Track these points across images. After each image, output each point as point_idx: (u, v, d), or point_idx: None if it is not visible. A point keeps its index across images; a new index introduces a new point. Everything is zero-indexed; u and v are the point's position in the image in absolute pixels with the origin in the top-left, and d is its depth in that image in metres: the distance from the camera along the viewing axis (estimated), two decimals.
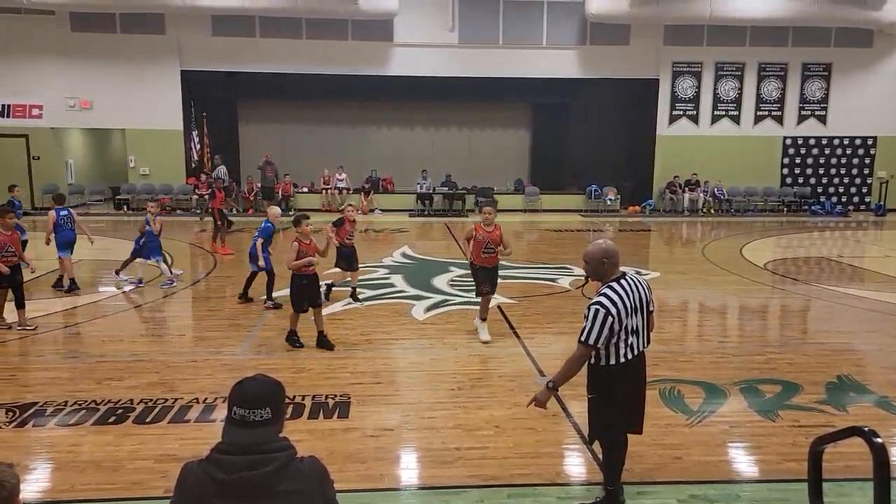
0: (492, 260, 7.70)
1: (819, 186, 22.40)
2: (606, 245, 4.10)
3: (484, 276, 7.72)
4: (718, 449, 5.17)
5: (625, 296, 3.97)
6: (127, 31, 19.85)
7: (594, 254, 4.08)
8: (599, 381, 4.09)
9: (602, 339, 3.91)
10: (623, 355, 4.00)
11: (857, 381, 6.63)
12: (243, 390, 2.15)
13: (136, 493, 4.45)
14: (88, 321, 8.62)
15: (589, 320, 3.90)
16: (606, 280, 4.05)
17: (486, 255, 7.65)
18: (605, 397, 4.10)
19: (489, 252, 7.64)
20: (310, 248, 7.42)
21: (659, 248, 16.23)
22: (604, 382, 4.07)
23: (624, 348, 4.00)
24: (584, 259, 4.14)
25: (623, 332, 3.96)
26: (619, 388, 4.07)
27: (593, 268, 4.10)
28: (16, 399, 5.98)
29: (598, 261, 4.06)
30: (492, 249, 7.63)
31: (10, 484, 2.22)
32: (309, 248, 7.40)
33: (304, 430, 5.34)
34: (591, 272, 4.13)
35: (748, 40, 21.25)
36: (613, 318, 3.89)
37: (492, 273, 7.78)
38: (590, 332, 3.89)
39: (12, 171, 19.81)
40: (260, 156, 20.67)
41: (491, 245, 7.61)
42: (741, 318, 9.45)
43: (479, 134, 23.63)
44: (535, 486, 4.57)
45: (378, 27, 20.26)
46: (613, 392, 4.07)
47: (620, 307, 3.93)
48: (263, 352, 7.46)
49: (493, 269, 7.81)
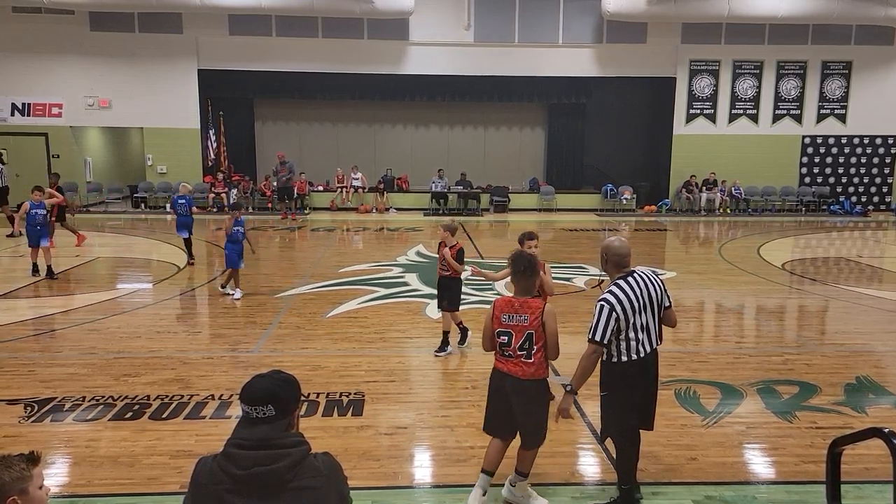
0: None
1: (838, 186, 22.13)
2: (612, 241, 4.19)
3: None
4: (734, 450, 5.13)
5: (631, 292, 3.99)
6: (145, 30, 20.03)
7: (601, 249, 4.21)
8: (612, 379, 4.09)
9: (608, 335, 3.93)
10: (636, 352, 4.01)
11: (875, 382, 6.55)
12: (248, 388, 2.17)
13: (151, 488, 4.49)
14: (106, 318, 8.70)
15: (595, 317, 3.96)
16: (613, 277, 4.11)
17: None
18: (619, 395, 4.10)
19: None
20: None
21: (675, 248, 16.13)
22: (617, 380, 4.07)
23: (635, 345, 4.01)
24: (601, 254, 4.24)
25: (632, 329, 3.98)
26: (632, 385, 4.07)
27: (602, 262, 4.22)
28: (34, 394, 6.05)
29: (602, 256, 4.19)
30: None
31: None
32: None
33: (318, 427, 5.36)
34: (603, 266, 4.23)
35: (767, 38, 21.04)
36: (619, 315, 3.92)
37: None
38: (595, 327, 3.94)
39: (32, 168, 20.10)
40: (275, 154, 20.76)
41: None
42: (758, 318, 9.36)
43: (495, 133, 23.59)
44: (549, 485, 4.55)
45: (393, 26, 20.28)
46: (626, 389, 4.07)
47: (626, 304, 3.95)
48: (279, 349, 7.50)
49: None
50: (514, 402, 4.12)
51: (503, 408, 4.18)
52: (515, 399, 4.11)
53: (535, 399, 4.12)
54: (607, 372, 4.10)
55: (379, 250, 14.75)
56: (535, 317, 4.03)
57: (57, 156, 20.55)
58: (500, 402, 4.19)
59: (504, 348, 4.11)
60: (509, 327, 4.06)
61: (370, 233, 17.13)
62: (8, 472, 2.06)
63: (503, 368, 4.14)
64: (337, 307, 9.20)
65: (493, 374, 4.25)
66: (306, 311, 9.10)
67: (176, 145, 20.62)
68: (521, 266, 4.12)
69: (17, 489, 2.08)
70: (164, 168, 20.85)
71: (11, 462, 2.11)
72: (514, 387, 4.09)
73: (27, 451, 2.16)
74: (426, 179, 21.57)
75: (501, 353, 4.15)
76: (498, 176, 22.34)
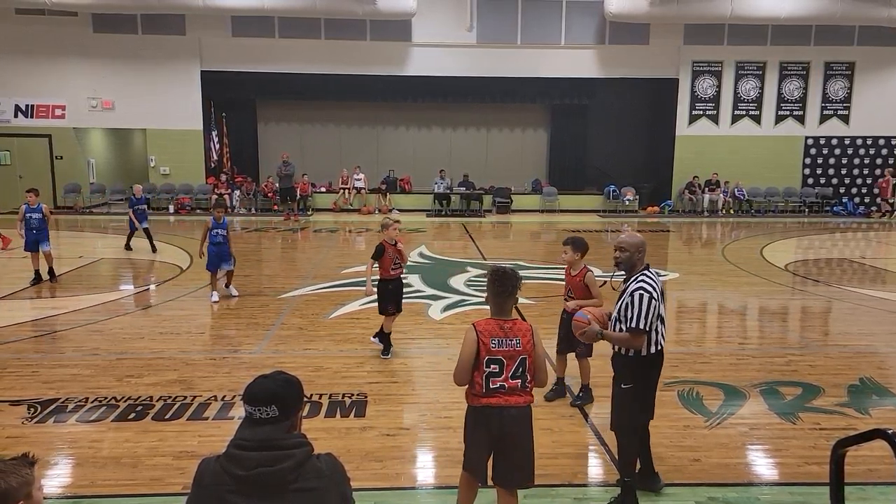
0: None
1: (841, 187, 22.11)
2: (641, 237, 4.25)
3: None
4: (738, 451, 5.11)
5: (656, 283, 4.11)
6: (148, 32, 20.08)
7: (635, 244, 4.16)
8: (637, 371, 4.16)
9: (650, 323, 4.01)
10: (656, 343, 4.13)
11: (879, 383, 6.53)
12: (250, 388, 2.18)
13: (154, 489, 4.49)
14: (109, 318, 8.72)
15: (636, 306, 3.99)
16: (636, 271, 4.15)
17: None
18: (642, 386, 4.18)
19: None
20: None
21: (678, 249, 16.11)
22: (641, 372, 4.16)
23: (657, 336, 4.13)
24: (622, 247, 4.18)
25: (657, 319, 4.10)
26: (653, 376, 4.19)
27: (629, 256, 4.16)
28: (38, 395, 6.05)
29: (637, 249, 4.15)
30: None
31: (4, 484, 1.99)
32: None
33: (320, 428, 5.36)
34: (626, 260, 4.18)
35: (769, 39, 21.03)
36: (657, 302, 4.02)
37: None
38: (638, 317, 3.98)
39: (35, 170, 20.15)
40: (278, 155, 20.82)
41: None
42: (761, 319, 9.34)
43: (497, 134, 23.60)
44: (552, 486, 4.55)
45: (396, 27, 20.30)
46: (648, 381, 4.18)
47: (657, 293, 4.05)
48: (281, 350, 7.50)
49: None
50: (508, 435, 3.52)
51: (487, 447, 3.61)
52: (509, 431, 3.51)
53: (531, 425, 3.65)
54: (637, 364, 4.14)
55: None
56: (528, 339, 3.51)
57: (60, 157, 20.60)
58: (486, 441, 3.59)
59: (492, 379, 3.48)
60: (500, 353, 3.47)
61: (373, 234, 17.12)
62: (14, 477, 2.05)
63: (493, 402, 3.50)
64: (339, 308, 9.20)
65: (475, 412, 3.59)
66: (309, 311, 9.10)
67: (178, 146, 20.65)
68: (510, 287, 3.55)
69: (24, 494, 2.08)
70: (167, 169, 20.88)
71: (16, 467, 2.10)
72: (512, 419, 3.49)
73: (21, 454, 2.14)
74: (429, 180, 21.58)
75: (485, 387, 3.49)
76: (500, 177, 22.35)
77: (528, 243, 16.86)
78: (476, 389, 3.52)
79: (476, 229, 17.84)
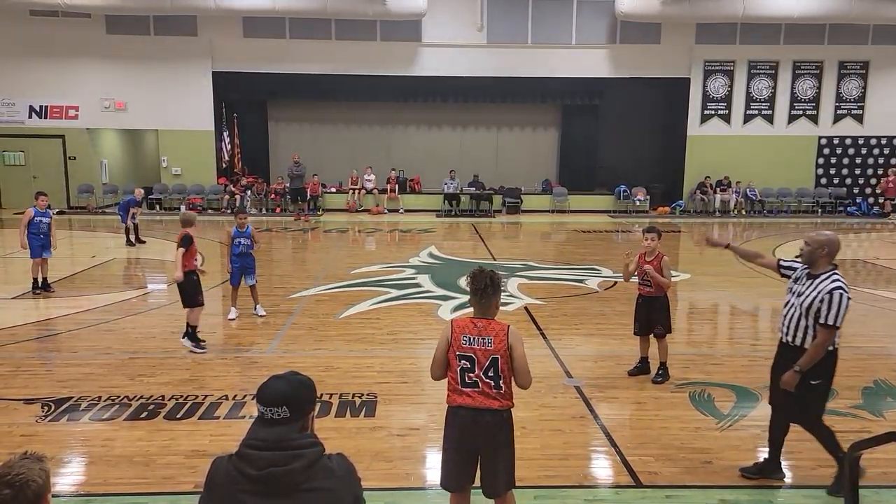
0: None
1: (855, 187, 21.92)
2: (835, 237, 4.40)
3: None
4: (750, 453, 5.08)
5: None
6: (160, 33, 20.20)
7: (820, 241, 4.35)
8: (830, 367, 4.37)
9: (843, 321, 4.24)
10: (834, 342, 4.35)
11: (893, 386, 6.48)
12: (264, 389, 2.18)
13: (166, 487, 4.51)
14: (122, 318, 8.77)
15: (835, 304, 4.23)
16: (818, 267, 4.36)
17: None
18: (829, 382, 4.40)
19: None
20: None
21: (689, 250, 16.02)
22: (830, 367, 4.37)
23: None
24: (807, 241, 4.38)
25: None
26: (834, 371, 4.41)
27: (811, 251, 4.36)
28: (51, 394, 6.10)
29: (821, 246, 4.33)
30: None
31: (35, 484, 2.03)
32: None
33: (331, 428, 5.36)
34: (807, 254, 4.40)
35: (782, 38, 20.89)
36: (850, 301, 4.26)
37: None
38: (837, 314, 4.22)
39: (49, 171, 20.32)
40: (289, 156, 20.91)
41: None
42: (773, 320, 9.27)
43: (508, 134, 23.57)
44: (562, 487, 4.54)
45: (406, 27, 20.31)
46: (832, 375, 4.40)
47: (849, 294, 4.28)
48: (292, 350, 7.52)
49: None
50: (484, 442, 3.54)
51: (466, 455, 3.61)
52: (485, 437, 3.53)
53: (509, 431, 3.63)
54: (829, 361, 4.35)
55: (391, 251, 14.77)
56: (501, 340, 3.51)
57: (73, 158, 20.77)
58: (464, 447, 3.60)
59: (467, 374, 3.52)
60: (471, 351, 3.52)
61: (383, 234, 17.16)
62: (39, 474, 2.10)
63: (468, 403, 3.52)
64: (350, 308, 9.22)
65: (452, 414, 3.59)
66: (319, 311, 9.12)
67: (190, 147, 20.77)
68: (482, 285, 3.55)
69: (49, 486, 2.13)
70: (179, 170, 21.00)
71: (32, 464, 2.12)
72: (486, 427, 3.51)
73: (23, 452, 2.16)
74: (439, 181, 21.58)
75: (461, 381, 3.54)
76: (510, 177, 22.32)
77: (539, 244, 16.81)
78: (452, 385, 3.58)
79: (486, 230, 17.82)
